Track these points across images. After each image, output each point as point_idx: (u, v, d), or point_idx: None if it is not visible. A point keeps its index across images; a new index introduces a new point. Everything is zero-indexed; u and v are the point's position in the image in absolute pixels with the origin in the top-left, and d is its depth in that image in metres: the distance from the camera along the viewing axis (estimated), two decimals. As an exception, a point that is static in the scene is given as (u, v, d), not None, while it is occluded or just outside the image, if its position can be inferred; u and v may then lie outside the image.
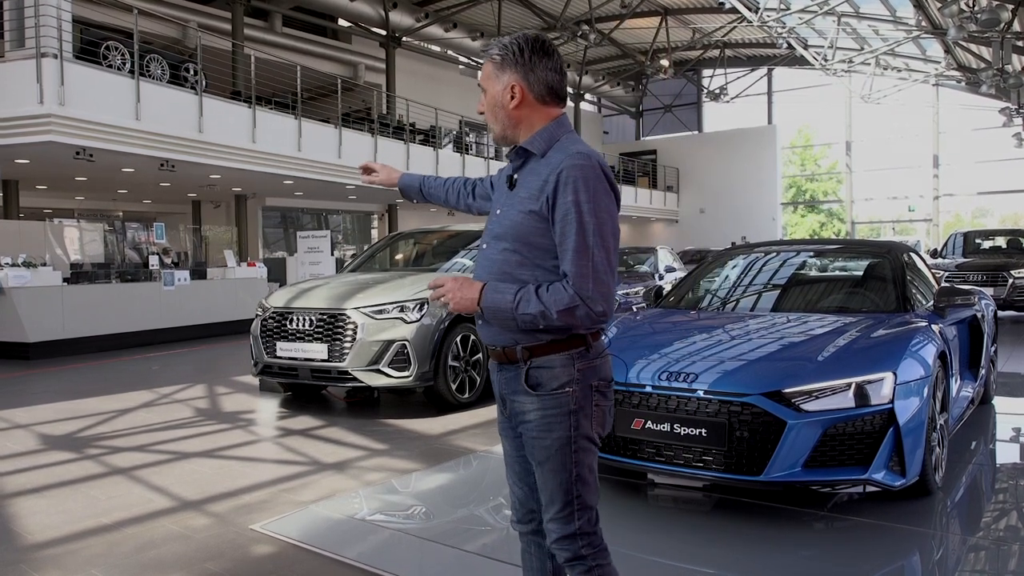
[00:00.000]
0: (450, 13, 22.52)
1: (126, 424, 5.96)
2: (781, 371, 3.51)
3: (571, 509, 1.92)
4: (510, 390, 1.99)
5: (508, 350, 1.96)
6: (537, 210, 1.90)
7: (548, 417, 1.91)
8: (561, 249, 1.87)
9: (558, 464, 1.92)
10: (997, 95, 20.63)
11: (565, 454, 1.91)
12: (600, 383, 1.95)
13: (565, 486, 1.92)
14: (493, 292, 1.91)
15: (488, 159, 21.32)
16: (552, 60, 1.98)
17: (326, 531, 3.62)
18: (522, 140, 2.00)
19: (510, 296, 1.88)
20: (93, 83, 10.87)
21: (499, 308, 1.90)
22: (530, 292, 1.87)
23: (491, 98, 2.01)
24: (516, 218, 1.95)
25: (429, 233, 8.53)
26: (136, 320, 11.22)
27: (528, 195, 1.93)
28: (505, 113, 1.99)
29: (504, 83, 1.97)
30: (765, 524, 3.56)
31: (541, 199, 1.89)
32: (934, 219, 29.18)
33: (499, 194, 2.11)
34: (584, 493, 1.93)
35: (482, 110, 2.05)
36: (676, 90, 33.26)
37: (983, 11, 13.15)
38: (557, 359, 1.91)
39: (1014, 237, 14.18)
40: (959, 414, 4.68)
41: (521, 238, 1.93)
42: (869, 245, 5.99)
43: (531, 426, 1.94)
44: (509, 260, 1.95)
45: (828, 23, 20.18)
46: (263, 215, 20.93)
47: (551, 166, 1.90)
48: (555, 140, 1.97)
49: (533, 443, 1.95)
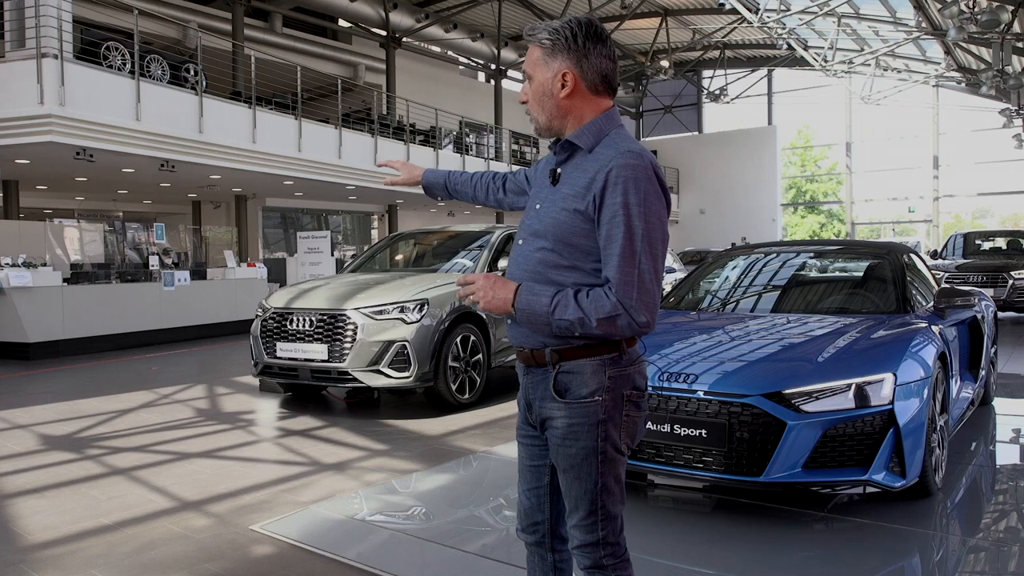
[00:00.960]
0: (450, 14, 22.53)
1: (126, 424, 5.96)
2: (781, 372, 3.51)
3: (595, 518, 1.84)
4: (537, 395, 1.90)
5: (536, 353, 1.87)
6: (583, 210, 1.79)
7: (575, 426, 1.82)
8: (606, 253, 1.76)
9: (583, 473, 1.83)
10: (997, 96, 20.63)
11: (590, 464, 1.82)
12: (633, 392, 1.85)
13: (590, 495, 1.84)
14: (529, 294, 1.81)
15: (488, 160, 21.32)
16: (606, 47, 1.85)
17: (326, 531, 3.62)
18: (568, 132, 1.88)
19: (547, 299, 1.78)
20: (93, 83, 10.87)
21: (534, 311, 1.79)
22: (568, 297, 1.76)
23: (539, 85, 1.87)
24: (558, 216, 1.83)
25: (429, 233, 8.53)
26: (136, 320, 11.22)
27: (573, 192, 1.82)
28: (554, 102, 1.86)
29: (555, 70, 1.84)
30: (765, 525, 3.56)
31: (588, 198, 1.78)
32: (934, 220, 29.18)
33: (539, 188, 1.99)
34: (608, 503, 1.85)
35: (525, 98, 1.92)
36: (676, 91, 33.27)
37: (983, 12, 13.15)
38: (587, 365, 1.81)
39: (1014, 238, 14.19)
40: (959, 415, 4.68)
41: (562, 238, 1.82)
42: (869, 246, 5.99)
43: (557, 433, 1.85)
44: (547, 260, 1.84)
45: (828, 24, 20.18)
46: (263, 215, 20.93)
47: (600, 163, 1.79)
48: (604, 135, 1.85)
49: (557, 450, 1.86)
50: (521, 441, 2.03)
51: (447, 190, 2.40)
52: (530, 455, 2.01)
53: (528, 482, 2.03)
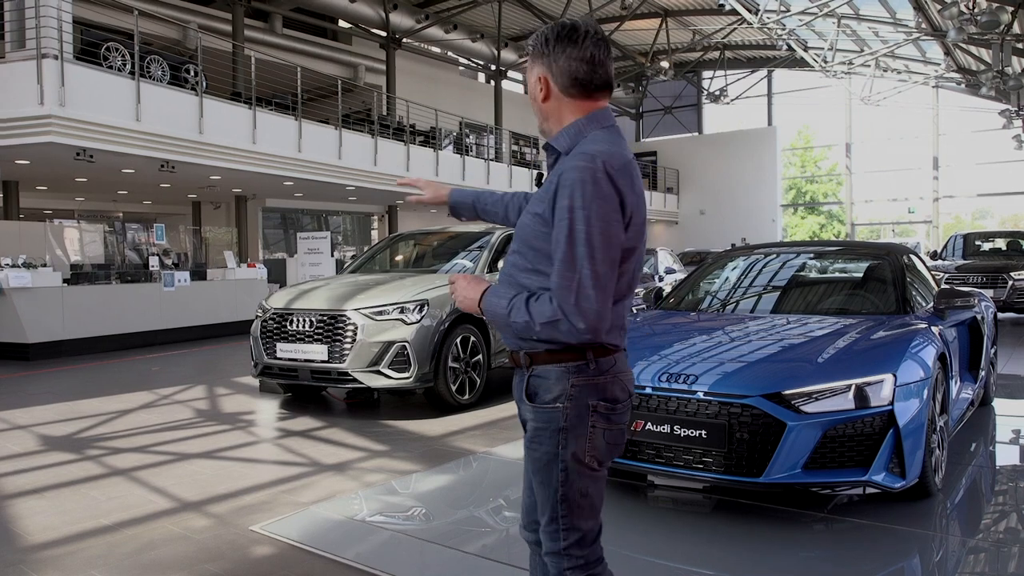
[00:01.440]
0: (450, 14, 22.53)
1: (126, 425, 5.96)
2: (781, 373, 3.51)
3: (557, 526, 1.83)
4: (517, 395, 1.94)
5: (515, 355, 1.92)
6: (541, 213, 1.80)
7: (539, 430, 1.83)
8: (553, 258, 1.75)
9: (545, 478, 1.83)
10: (997, 97, 20.64)
11: (551, 471, 1.82)
12: (600, 404, 1.81)
13: (551, 502, 1.83)
14: (491, 296, 1.86)
15: (488, 160, 21.33)
16: (578, 48, 1.81)
17: (326, 532, 3.62)
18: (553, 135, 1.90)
19: (504, 302, 1.82)
20: (93, 84, 10.88)
21: (495, 313, 1.84)
22: (521, 300, 1.79)
23: (530, 90, 1.93)
24: (525, 220, 1.87)
25: (429, 234, 8.53)
26: (136, 321, 11.22)
27: (538, 197, 1.84)
28: (537, 106, 1.91)
29: (535, 75, 1.89)
30: (765, 526, 3.56)
31: (547, 202, 1.79)
32: (934, 221, 29.18)
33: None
34: (572, 515, 1.82)
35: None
36: (676, 92, 33.28)
37: (983, 13, 13.16)
38: (552, 370, 1.81)
39: (1014, 239, 14.19)
40: (959, 416, 4.68)
41: (526, 241, 1.85)
42: (869, 247, 5.99)
43: (527, 435, 1.88)
44: (516, 263, 1.88)
45: (828, 25, 20.18)
46: (263, 216, 20.93)
47: (560, 167, 1.80)
48: (582, 137, 1.83)
49: (526, 452, 1.89)
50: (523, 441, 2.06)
51: (475, 211, 2.31)
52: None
53: (528, 480, 2.03)
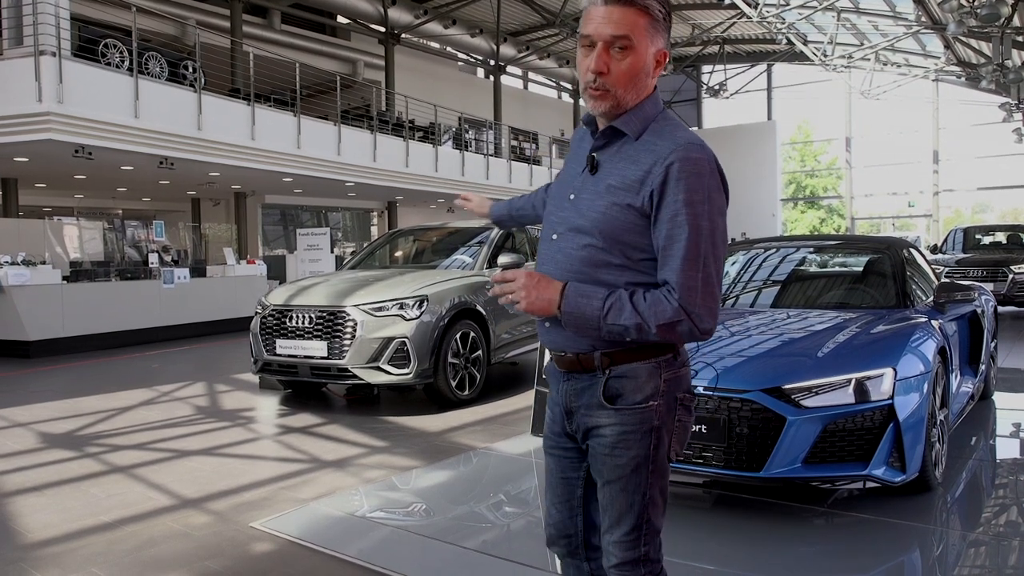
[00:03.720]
0: (449, 9, 22.49)
1: (126, 422, 5.96)
2: (781, 367, 3.50)
3: (639, 533, 1.70)
4: (581, 402, 1.75)
5: (584, 357, 1.72)
6: (637, 205, 1.63)
7: (627, 434, 1.68)
8: (666, 254, 1.61)
9: (631, 485, 1.70)
10: (997, 90, 20.59)
11: (641, 475, 1.69)
12: (685, 396, 1.74)
13: (636, 508, 1.70)
14: (578, 296, 1.64)
15: (488, 156, 21.30)
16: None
17: (326, 528, 3.62)
18: (619, 116, 1.70)
19: (598, 302, 1.62)
20: (92, 81, 10.85)
21: (583, 315, 1.63)
22: (623, 300, 1.61)
23: (640, 59, 1.65)
24: (608, 211, 1.67)
25: (428, 230, 8.52)
26: (136, 318, 11.21)
27: (623, 185, 1.66)
28: (646, 82, 1.68)
29: (659, 46, 1.68)
30: (765, 520, 3.56)
31: (643, 193, 1.63)
32: (934, 215, 29.17)
33: (572, 176, 1.81)
34: (654, 516, 1.72)
35: (605, 68, 1.65)
36: (675, 86, 33.21)
37: (983, 6, 13.13)
38: (642, 368, 1.68)
39: (1014, 233, 14.17)
40: (959, 410, 4.68)
41: (612, 234, 1.66)
42: (869, 241, 5.98)
43: (604, 442, 1.71)
44: (594, 258, 1.68)
45: (827, 18, 20.15)
46: (262, 212, 20.93)
47: (656, 154, 1.63)
48: (650, 120, 1.69)
49: (604, 460, 1.72)
50: (552, 452, 1.89)
51: (512, 218, 2.39)
52: (562, 467, 1.88)
53: (559, 495, 1.90)
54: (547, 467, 1.92)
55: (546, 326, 1.78)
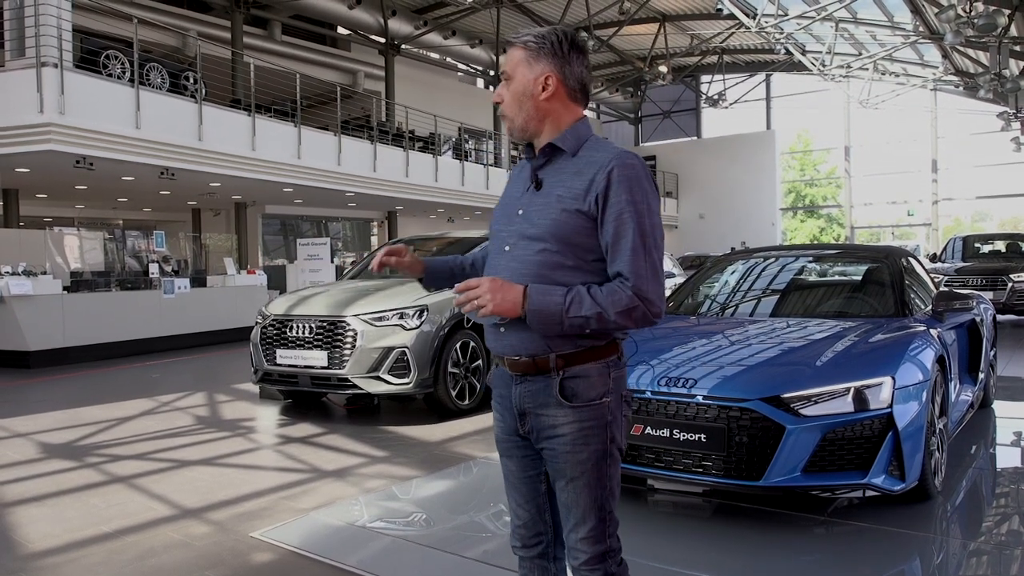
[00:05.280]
0: (449, 21, 22.58)
1: (126, 432, 5.96)
2: (780, 376, 3.51)
3: (604, 526, 1.84)
4: (535, 403, 1.87)
5: (539, 359, 1.84)
6: (585, 210, 1.80)
7: (585, 430, 1.82)
8: (616, 248, 1.78)
9: (593, 479, 1.83)
10: (995, 99, 20.66)
11: (601, 468, 1.83)
12: (627, 393, 1.91)
13: (600, 501, 1.84)
14: (540, 294, 1.77)
15: (487, 166, 21.35)
16: (586, 59, 1.93)
17: (326, 538, 3.62)
18: (544, 136, 1.90)
19: (559, 298, 1.76)
20: (93, 92, 10.90)
21: (547, 310, 1.76)
22: (582, 294, 1.76)
23: (520, 85, 1.89)
24: (559, 217, 1.82)
25: (428, 240, 8.54)
26: (136, 328, 11.22)
27: (570, 194, 1.82)
28: (533, 104, 1.88)
29: (537, 72, 1.87)
30: (765, 529, 3.56)
31: (589, 199, 1.80)
32: (933, 223, 29.20)
33: (514, 198, 1.97)
34: (614, 508, 1.87)
35: (500, 99, 1.93)
36: (675, 96, 33.33)
37: (980, 16, 13.18)
38: (593, 368, 1.83)
39: (1013, 241, 14.19)
40: (959, 418, 4.68)
41: (564, 238, 1.82)
42: (868, 250, 6.00)
43: (564, 440, 1.83)
44: (549, 261, 1.83)
45: (826, 29, 20.22)
46: (263, 223, 20.95)
47: (596, 164, 1.81)
48: (584, 139, 1.89)
49: (566, 458, 1.83)
50: (510, 454, 1.99)
51: (453, 274, 2.35)
52: (523, 467, 1.98)
53: (524, 494, 1.99)
54: (506, 469, 2.03)
55: (501, 331, 1.89)
